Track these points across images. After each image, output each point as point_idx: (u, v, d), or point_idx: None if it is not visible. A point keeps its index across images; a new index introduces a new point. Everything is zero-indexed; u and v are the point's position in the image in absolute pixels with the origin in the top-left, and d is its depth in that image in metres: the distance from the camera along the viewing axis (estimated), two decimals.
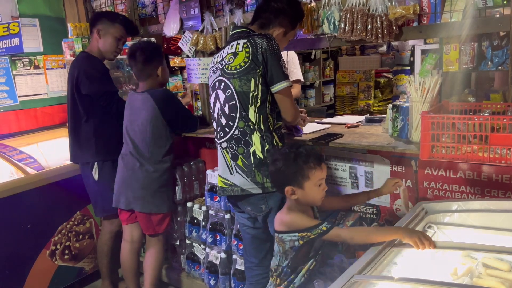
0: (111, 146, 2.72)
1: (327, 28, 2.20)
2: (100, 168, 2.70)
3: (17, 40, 3.32)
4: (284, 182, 1.65)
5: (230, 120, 1.87)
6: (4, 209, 2.58)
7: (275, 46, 1.84)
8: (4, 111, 3.28)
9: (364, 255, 1.44)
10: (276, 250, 1.70)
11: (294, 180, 1.63)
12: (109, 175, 2.72)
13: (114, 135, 2.71)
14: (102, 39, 2.69)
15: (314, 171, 1.62)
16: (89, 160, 2.69)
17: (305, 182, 1.62)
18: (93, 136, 2.67)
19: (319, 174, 1.63)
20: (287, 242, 1.63)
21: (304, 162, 1.61)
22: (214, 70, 1.97)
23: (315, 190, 1.65)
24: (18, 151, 3.01)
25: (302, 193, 1.64)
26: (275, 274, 1.72)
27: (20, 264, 2.71)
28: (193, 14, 2.79)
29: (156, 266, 2.68)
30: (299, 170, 1.62)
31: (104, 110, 2.69)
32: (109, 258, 2.87)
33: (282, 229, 1.66)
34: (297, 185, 1.63)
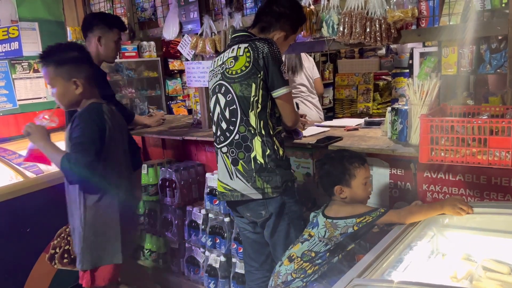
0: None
1: (326, 31, 2.21)
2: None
3: (16, 43, 3.32)
4: (333, 183, 1.81)
5: (230, 124, 1.87)
6: (3, 213, 2.58)
7: (276, 51, 1.84)
8: (3, 114, 3.29)
9: (363, 258, 1.44)
10: (318, 234, 1.75)
11: (342, 179, 1.79)
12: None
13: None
14: (103, 46, 2.67)
15: (359, 170, 1.78)
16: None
17: (352, 180, 1.78)
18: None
19: (364, 173, 1.79)
20: (340, 228, 1.72)
21: (349, 163, 1.78)
22: (215, 74, 1.97)
23: (362, 188, 1.80)
24: (18, 154, 3.00)
25: (350, 192, 1.80)
26: (303, 260, 1.75)
27: (19, 268, 2.70)
28: (192, 18, 2.80)
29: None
30: (345, 170, 1.78)
31: None
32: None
33: (339, 216, 1.75)
34: (345, 184, 1.78)
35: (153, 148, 3.39)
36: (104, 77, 2.74)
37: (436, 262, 1.58)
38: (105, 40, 2.67)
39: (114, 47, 2.73)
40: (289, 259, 1.78)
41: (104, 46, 2.67)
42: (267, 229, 1.92)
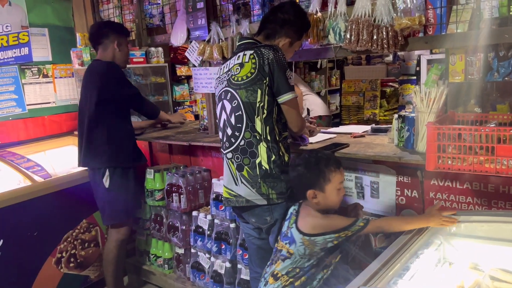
0: (124, 153, 2.76)
1: (333, 38, 2.22)
2: (111, 175, 2.72)
3: (26, 49, 3.37)
4: (305, 186, 1.72)
5: (236, 130, 1.87)
6: (11, 217, 2.60)
7: (282, 57, 1.85)
8: (12, 119, 3.33)
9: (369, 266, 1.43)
10: (298, 252, 1.70)
11: (316, 184, 1.71)
12: (120, 183, 2.75)
13: (128, 141, 2.79)
14: (121, 51, 2.79)
15: (335, 174, 1.71)
16: (101, 166, 2.71)
17: (326, 185, 1.70)
18: (106, 141, 2.70)
19: (339, 177, 1.72)
20: (319, 244, 1.68)
21: (325, 166, 1.70)
22: (221, 81, 1.98)
23: (335, 193, 1.73)
24: (26, 159, 3.03)
25: (324, 197, 1.72)
26: (289, 276, 1.72)
27: (26, 271, 2.72)
28: (200, 24, 2.82)
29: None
30: (321, 174, 1.70)
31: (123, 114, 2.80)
32: (114, 266, 2.87)
33: (316, 232, 1.69)
34: (319, 188, 1.71)
35: (160, 153, 3.41)
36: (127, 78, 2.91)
37: (443, 271, 1.56)
38: (121, 44, 2.79)
39: (128, 52, 2.89)
40: (274, 278, 1.74)
41: (121, 50, 2.79)
42: (272, 235, 1.92)
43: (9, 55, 3.28)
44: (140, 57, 3.66)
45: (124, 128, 2.80)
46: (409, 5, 1.96)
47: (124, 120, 2.81)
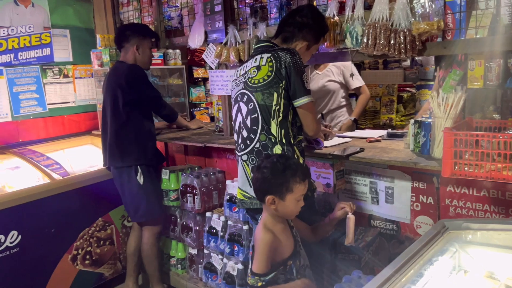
0: (150, 152, 2.85)
1: (350, 42, 2.21)
2: (144, 172, 2.78)
3: (48, 50, 3.45)
4: (267, 191, 1.66)
5: (251, 133, 1.88)
6: (30, 213, 2.66)
7: (299, 61, 1.85)
8: (33, 118, 3.41)
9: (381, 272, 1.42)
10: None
11: (278, 191, 1.64)
12: (151, 180, 2.84)
13: (153, 141, 2.91)
14: (141, 54, 2.86)
15: (299, 186, 1.64)
16: (132, 164, 2.76)
17: (288, 194, 1.64)
18: (135, 140, 2.78)
19: (302, 189, 1.65)
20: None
21: (291, 175, 1.63)
22: (237, 83, 2.00)
23: (294, 204, 1.66)
24: (46, 157, 3.10)
25: (282, 205, 1.66)
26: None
27: (43, 267, 2.77)
28: (218, 27, 2.85)
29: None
30: (285, 182, 1.63)
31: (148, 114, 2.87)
32: (158, 260, 2.97)
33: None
34: (279, 196, 1.64)
35: (175, 154, 3.44)
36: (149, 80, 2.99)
37: (457, 279, 1.54)
38: (142, 48, 2.84)
39: (150, 54, 2.94)
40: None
41: (141, 53, 2.85)
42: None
43: (31, 55, 3.36)
44: (158, 58, 3.70)
45: (149, 128, 2.88)
46: (427, 9, 1.94)
47: (149, 120, 2.89)
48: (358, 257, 2.08)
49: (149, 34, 2.91)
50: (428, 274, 1.45)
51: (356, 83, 3.42)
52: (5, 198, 2.63)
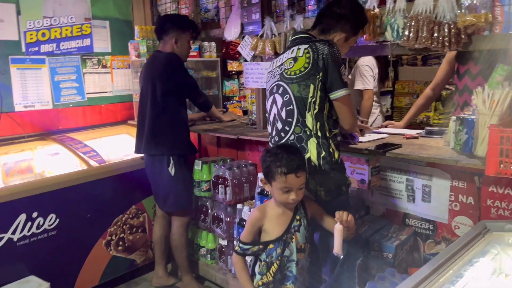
0: (183, 142, 2.89)
1: (390, 35, 2.15)
2: (176, 163, 2.82)
3: (88, 40, 3.55)
4: (263, 171, 1.79)
5: (286, 125, 1.86)
6: (68, 198, 2.74)
7: (337, 53, 1.82)
8: (73, 106, 3.51)
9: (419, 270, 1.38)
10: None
11: (265, 175, 1.78)
12: (182, 171, 2.87)
13: (186, 131, 2.93)
14: (179, 48, 2.89)
15: (280, 177, 1.70)
16: (163, 153, 2.81)
17: (272, 181, 1.74)
18: (169, 130, 2.82)
19: (283, 182, 1.70)
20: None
21: (275, 165, 1.70)
22: (273, 75, 1.98)
23: (279, 193, 1.74)
24: (83, 144, 3.19)
25: (271, 189, 1.79)
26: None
27: (79, 250, 2.86)
28: (254, 19, 2.83)
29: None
30: (270, 168, 1.73)
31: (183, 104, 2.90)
32: (187, 249, 3.00)
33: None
34: (267, 179, 1.78)
35: (208, 145, 3.47)
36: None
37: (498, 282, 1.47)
38: (180, 41, 2.87)
39: (188, 47, 2.96)
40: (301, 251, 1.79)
41: (179, 47, 2.87)
42: (317, 233, 1.90)
43: (72, 46, 3.46)
44: (194, 51, 3.73)
45: (184, 119, 2.92)
46: (474, 1, 1.86)
47: (183, 110, 2.92)
48: (392, 256, 2.03)
49: (189, 27, 2.92)
50: (468, 275, 1.39)
51: (358, 85, 3.40)
52: (45, 182, 2.72)
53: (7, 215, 2.49)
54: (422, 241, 2.19)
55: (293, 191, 1.70)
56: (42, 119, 3.33)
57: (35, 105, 3.31)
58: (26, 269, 2.59)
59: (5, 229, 2.49)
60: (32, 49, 3.25)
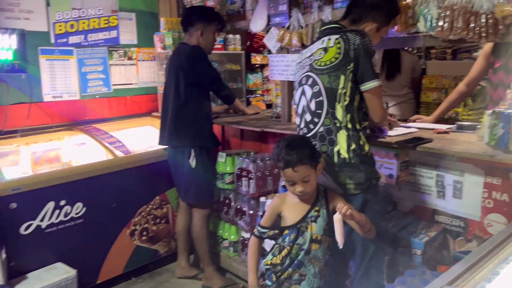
0: (206, 135, 2.88)
1: (423, 26, 2.09)
2: (197, 155, 2.82)
3: (115, 32, 3.58)
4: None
5: (315, 116, 1.83)
6: (94, 187, 2.78)
7: (368, 43, 1.77)
8: (99, 97, 3.55)
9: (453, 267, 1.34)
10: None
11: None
12: (204, 163, 2.88)
13: (209, 124, 2.93)
14: (204, 40, 2.89)
15: (280, 171, 1.76)
16: (185, 145, 2.82)
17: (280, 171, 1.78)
18: (192, 122, 2.83)
19: (283, 175, 1.77)
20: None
21: (277, 161, 1.75)
22: (302, 66, 1.95)
23: (287, 184, 1.79)
24: (109, 135, 3.23)
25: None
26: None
27: (104, 239, 2.90)
28: (281, 11, 2.80)
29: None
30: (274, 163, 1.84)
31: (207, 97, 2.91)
32: (208, 241, 2.99)
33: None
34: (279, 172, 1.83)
35: (231, 138, 3.47)
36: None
37: None
38: (206, 33, 2.87)
39: (213, 40, 2.95)
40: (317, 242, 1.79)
41: (205, 39, 2.87)
42: (345, 226, 1.86)
43: (99, 37, 3.49)
44: (219, 43, 3.72)
45: (207, 111, 2.92)
46: None
47: (206, 103, 2.92)
48: (420, 252, 1.98)
49: (214, 19, 2.92)
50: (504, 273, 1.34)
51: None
52: (72, 171, 2.77)
53: (36, 203, 2.55)
54: (452, 238, 2.13)
55: (297, 184, 1.72)
56: (69, 109, 3.38)
57: (63, 96, 3.36)
58: (53, 256, 2.64)
59: (34, 216, 2.54)
60: (61, 41, 3.30)
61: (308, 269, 1.78)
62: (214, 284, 2.94)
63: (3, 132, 3.00)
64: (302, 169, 1.69)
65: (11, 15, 3.03)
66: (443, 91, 3.88)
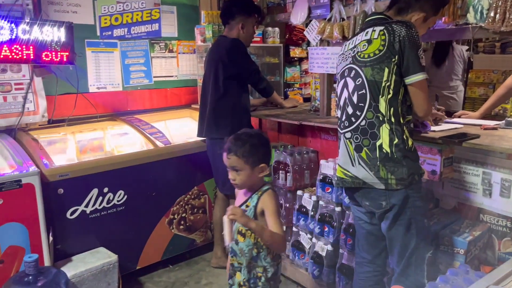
0: (243, 126, 2.88)
1: (473, 17, 2.01)
2: None
3: (157, 25, 3.66)
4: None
5: (357, 109, 1.80)
6: (136, 175, 2.87)
7: (415, 35, 1.72)
8: (141, 89, 3.65)
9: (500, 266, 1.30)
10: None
11: None
12: None
13: (247, 116, 2.97)
14: (245, 33, 2.92)
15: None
16: (224, 137, 2.84)
17: None
18: (230, 114, 2.86)
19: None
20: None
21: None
22: (345, 58, 1.92)
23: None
24: (150, 125, 3.31)
25: None
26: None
27: (144, 226, 2.99)
28: (322, 3, 2.77)
29: None
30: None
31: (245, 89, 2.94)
32: None
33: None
34: None
35: (269, 130, 3.47)
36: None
37: None
38: (246, 26, 2.90)
39: (253, 32, 2.98)
40: (242, 235, 1.82)
41: (245, 32, 2.91)
42: (385, 222, 1.83)
43: (142, 30, 3.58)
44: (258, 36, 3.72)
45: (245, 103, 2.95)
46: None
47: (245, 95, 2.94)
48: (463, 252, 1.92)
49: (254, 11, 2.94)
50: None
51: None
52: (115, 160, 2.86)
53: (81, 189, 2.66)
54: (498, 238, 2.05)
55: (230, 170, 1.85)
56: (112, 100, 3.50)
57: (106, 87, 3.48)
58: (96, 240, 2.76)
59: (79, 201, 2.65)
60: (106, 33, 3.41)
61: (241, 259, 1.84)
62: None
63: (52, 121, 3.14)
64: (234, 159, 1.81)
65: (59, 8, 3.16)
66: (491, 86, 3.73)
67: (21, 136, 2.88)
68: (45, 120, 3.09)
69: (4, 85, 2.90)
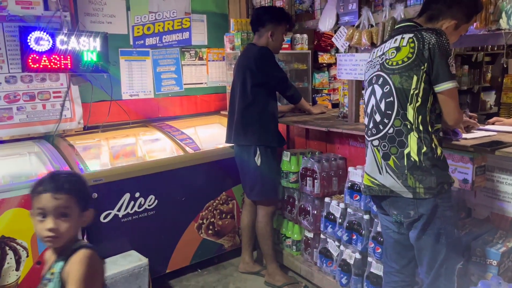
0: (271, 134, 2.94)
1: (505, 23, 1.96)
2: (262, 154, 2.89)
3: (187, 33, 3.74)
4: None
5: (385, 117, 1.79)
6: (166, 181, 2.94)
7: (445, 42, 1.70)
8: (172, 96, 3.74)
9: None
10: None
11: None
12: (269, 162, 2.94)
13: (275, 123, 2.98)
14: (274, 41, 2.96)
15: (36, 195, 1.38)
16: (251, 144, 2.90)
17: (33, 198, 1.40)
18: (258, 121, 2.90)
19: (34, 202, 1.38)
20: None
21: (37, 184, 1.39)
22: (373, 65, 1.92)
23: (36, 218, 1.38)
24: (180, 132, 3.39)
25: None
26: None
27: (174, 231, 3.06)
28: (351, 9, 2.76)
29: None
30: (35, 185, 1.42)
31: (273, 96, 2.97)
32: (272, 238, 3.04)
33: None
34: None
35: (296, 137, 3.48)
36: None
37: None
38: (276, 34, 2.93)
39: (282, 40, 3.01)
40: None
41: (274, 40, 2.94)
42: (413, 231, 1.80)
43: (173, 38, 3.68)
44: (286, 43, 3.74)
45: (273, 110, 2.97)
46: None
47: (273, 102, 2.97)
48: (496, 263, 1.87)
49: (284, 19, 2.96)
50: None
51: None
52: (146, 165, 2.95)
53: (114, 194, 2.75)
54: None
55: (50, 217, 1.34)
56: (144, 107, 3.60)
57: (139, 94, 3.59)
58: (128, 244, 2.84)
59: (112, 206, 2.74)
60: (139, 42, 3.52)
61: None
62: (277, 281, 2.98)
63: (87, 127, 3.27)
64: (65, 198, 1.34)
65: (95, 19, 3.29)
66: None
67: (59, 142, 3.01)
68: (80, 126, 3.22)
69: (43, 93, 3.04)
